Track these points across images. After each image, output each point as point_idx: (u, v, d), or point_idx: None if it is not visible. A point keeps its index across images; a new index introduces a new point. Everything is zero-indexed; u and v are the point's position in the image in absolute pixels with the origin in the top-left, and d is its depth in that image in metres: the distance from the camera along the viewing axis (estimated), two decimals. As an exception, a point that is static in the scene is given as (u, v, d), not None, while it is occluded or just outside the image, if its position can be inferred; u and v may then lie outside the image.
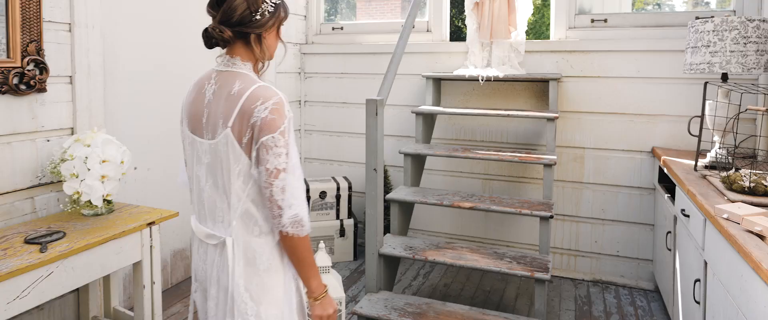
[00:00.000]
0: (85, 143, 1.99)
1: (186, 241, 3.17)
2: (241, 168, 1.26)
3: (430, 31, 3.68)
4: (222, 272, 1.32)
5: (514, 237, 3.45)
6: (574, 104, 3.24)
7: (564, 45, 3.24)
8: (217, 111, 1.28)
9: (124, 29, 2.69)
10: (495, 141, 3.45)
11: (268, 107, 1.22)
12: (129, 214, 2.06)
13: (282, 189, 1.23)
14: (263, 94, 1.24)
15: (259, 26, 1.30)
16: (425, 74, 3.41)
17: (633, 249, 3.20)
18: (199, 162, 1.34)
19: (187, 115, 1.38)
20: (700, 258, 1.98)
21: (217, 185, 1.31)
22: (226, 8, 1.28)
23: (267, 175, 1.23)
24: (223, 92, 1.29)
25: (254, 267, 1.31)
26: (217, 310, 1.35)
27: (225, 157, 1.27)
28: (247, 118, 1.23)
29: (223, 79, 1.31)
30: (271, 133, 1.22)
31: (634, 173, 3.16)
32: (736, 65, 2.36)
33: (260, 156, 1.23)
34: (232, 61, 1.33)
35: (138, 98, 2.78)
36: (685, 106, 3.02)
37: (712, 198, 1.97)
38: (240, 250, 1.30)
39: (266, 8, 1.31)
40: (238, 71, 1.31)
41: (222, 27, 1.29)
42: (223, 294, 1.32)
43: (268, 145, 1.22)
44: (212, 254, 1.35)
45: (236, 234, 1.30)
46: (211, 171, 1.31)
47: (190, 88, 1.41)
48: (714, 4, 3.35)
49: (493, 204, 2.64)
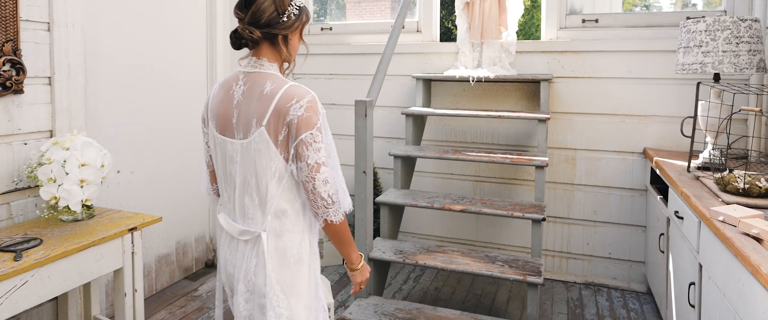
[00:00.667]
0: (63, 146, 1.92)
1: (171, 247, 3.09)
2: (276, 165, 1.32)
3: (420, 31, 3.64)
4: (257, 266, 1.36)
5: (505, 240, 3.41)
6: (566, 105, 3.22)
7: (555, 45, 3.21)
8: (249, 111, 1.33)
9: (108, 28, 2.62)
10: (486, 142, 3.42)
11: (303, 105, 1.29)
12: (110, 220, 1.99)
13: (324, 182, 1.31)
14: (297, 92, 1.30)
15: (286, 27, 1.35)
16: (415, 75, 3.36)
17: (625, 251, 3.17)
18: (231, 161, 1.38)
19: (215, 116, 1.41)
20: (695, 260, 1.95)
21: (249, 183, 1.35)
22: (255, 10, 1.33)
23: (309, 170, 1.29)
24: (254, 92, 1.33)
25: (285, 261, 1.37)
26: (246, 304, 1.39)
27: (258, 156, 1.32)
28: (282, 117, 1.29)
29: (252, 79, 1.36)
30: (309, 130, 1.29)
31: (625, 174, 3.14)
32: (729, 65, 2.34)
33: (300, 152, 1.29)
34: (260, 63, 1.37)
35: (122, 99, 2.71)
36: (677, 107, 3.00)
37: (707, 199, 1.94)
38: (273, 245, 1.36)
39: (292, 10, 1.36)
40: (267, 72, 1.36)
41: (252, 28, 1.33)
42: (254, 288, 1.36)
43: (307, 141, 1.29)
44: (243, 249, 1.39)
45: (270, 229, 1.36)
46: (244, 169, 1.35)
47: (216, 89, 1.44)
48: (701, 5, 3.35)
49: (484, 207, 2.60)
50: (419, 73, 3.49)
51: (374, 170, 3.51)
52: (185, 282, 3.14)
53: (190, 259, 3.24)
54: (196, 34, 3.25)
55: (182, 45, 3.14)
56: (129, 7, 2.74)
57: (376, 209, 3.01)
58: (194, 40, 3.24)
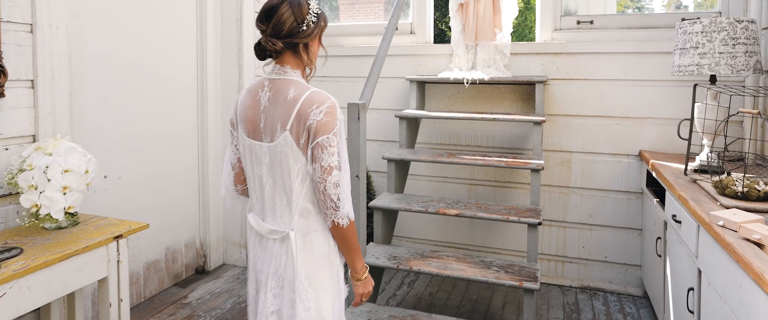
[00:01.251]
0: (46, 152, 1.85)
1: (160, 253, 3.03)
2: (300, 166, 1.40)
3: (414, 33, 3.60)
4: (287, 263, 1.44)
5: (500, 244, 3.37)
6: (561, 107, 3.19)
7: (550, 47, 3.18)
8: (275, 115, 1.40)
9: (95, 29, 2.55)
10: (481, 145, 3.38)
11: (322, 110, 1.36)
12: (95, 227, 1.93)
13: (335, 185, 1.38)
14: (318, 98, 1.38)
15: (306, 36, 1.43)
16: (409, 77, 3.32)
17: (621, 254, 3.14)
18: (259, 163, 1.46)
19: (243, 121, 1.49)
20: (694, 265, 1.92)
21: (277, 184, 1.44)
22: (276, 22, 1.40)
23: (321, 172, 1.37)
24: (279, 98, 1.41)
25: (312, 257, 1.45)
26: (274, 299, 1.46)
27: (284, 158, 1.40)
28: (303, 121, 1.36)
29: (276, 86, 1.43)
30: (326, 134, 1.36)
31: (621, 177, 3.11)
32: (726, 67, 2.31)
33: (315, 154, 1.37)
34: (283, 70, 1.44)
35: (109, 103, 2.65)
36: (673, 109, 2.98)
37: (705, 203, 1.91)
38: (301, 243, 1.44)
39: (310, 19, 1.43)
40: (291, 78, 1.43)
41: (274, 40, 1.41)
42: (285, 284, 1.44)
43: (323, 144, 1.36)
44: (272, 247, 1.47)
45: (297, 227, 1.44)
46: (271, 171, 1.44)
47: (243, 95, 1.51)
48: (692, 6, 3.33)
49: (479, 211, 2.56)
50: (413, 75, 3.45)
51: (367, 174, 3.46)
52: (175, 289, 3.08)
53: (179, 266, 3.18)
54: (186, 34, 3.19)
55: (172, 46, 3.08)
56: (118, 8, 2.68)
57: (370, 214, 2.97)
58: (185, 41, 3.18)
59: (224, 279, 3.24)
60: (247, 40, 3.42)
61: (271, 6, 1.42)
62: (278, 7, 1.41)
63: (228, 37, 3.40)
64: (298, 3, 1.43)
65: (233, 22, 3.39)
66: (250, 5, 3.44)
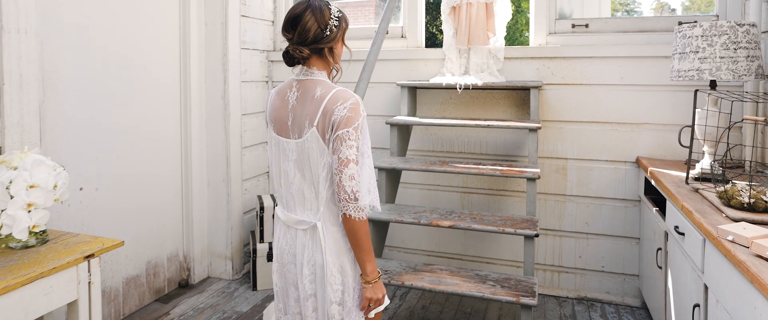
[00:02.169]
0: (10, 165, 1.72)
1: (141, 268, 2.89)
2: (326, 160, 1.49)
3: (405, 37, 3.50)
4: (315, 251, 1.53)
5: (495, 254, 3.28)
6: (556, 113, 3.10)
7: (544, 51, 3.09)
8: (303, 113, 1.50)
9: (70, 34, 2.43)
10: (474, 152, 3.28)
11: (346, 107, 1.45)
12: (65, 246, 1.81)
13: (350, 177, 1.44)
14: (342, 96, 1.48)
15: (331, 40, 1.53)
16: (400, 82, 3.22)
17: (618, 264, 3.06)
18: (287, 159, 1.55)
19: (273, 120, 1.60)
20: (699, 280, 1.83)
21: (305, 178, 1.53)
22: (301, 30, 1.50)
23: (338, 163, 1.44)
24: (307, 97, 1.51)
25: (339, 246, 1.53)
26: (311, 285, 1.56)
27: (312, 153, 1.49)
28: (329, 117, 1.45)
29: (304, 86, 1.54)
30: (347, 128, 1.44)
31: (618, 184, 3.03)
32: (727, 72, 2.23)
33: (335, 146, 1.45)
34: (310, 71, 1.55)
35: (85, 110, 2.52)
36: (671, 114, 2.90)
37: (710, 215, 1.82)
38: (329, 233, 1.52)
39: (332, 23, 1.52)
40: (318, 79, 1.54)
41: (301, 48, 1.51)
42: (318, 269, 1.53)
43: (343, 137, 1.44)
44: (302, 237, 1.55)
45: (324, 218, 1.52)
46: (299, 166, 1.53)
47: (273, 95, 1.63)
48: (680, 10, 3.26)
49: (473, 223, 2.46)
50: (404, 80, 3.35)
51: (358, 182, 3.35)
52: (156, 305, 2.94)
53: (161, 280, 3.05)
54: (168, 39, 3.07)
55: (153, 51, 2.95)
56: (96, 12, 2.55)
57: (360, 224, 2.85)
58: (167, 45, 3.06)
59: (209, 294, 3.11)
60: (233, 44, 3.30)
61: (295, 15, 1.51)
62: (302, 16, 1.49)
63: (212, 42, 3.28)
64: (320, 9, 1.51)
65: (218, 25, 3.27)
66: (235, 8, 3.32)
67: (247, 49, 3.50)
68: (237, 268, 3.39)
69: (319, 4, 1.52)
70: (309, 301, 1.56)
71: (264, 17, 3.69)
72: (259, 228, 3.20)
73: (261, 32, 3.67)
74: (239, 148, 3.39)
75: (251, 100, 3.56)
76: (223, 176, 3.30)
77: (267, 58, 3.74)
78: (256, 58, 3.61)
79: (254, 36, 3.58)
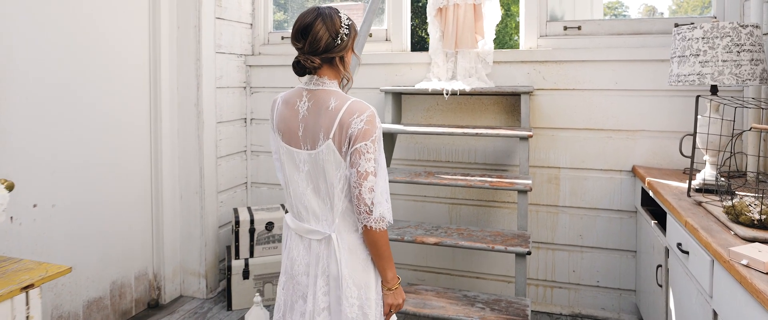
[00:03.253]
0: (-62, 184, 1.53)
1: (104, 289, 2.69)
2: (341, 173, 1.47)
3: (390, 40, 3.34)
4: (330, 262, 1.51)
5: (486, 269, 3.11)
6: (548, 119, 2.94)
7: (535, 55, 2.94)
8: (316, 125, 1.47)
9: (24, 39, 2.23)
10: (462, 161, 3.11)
11: (363, 119, 1.43)
12: (2, 274, 1.61)
13: (370, 190, 1.43)
14: (359, 107, 1.45)
15: (342, 49, 1.50)
16: (383, 88, 3.05)
17: (614, 278, 2.90)
18: (298, 170, 1.53)
19: (281, 129, 1.55)
20: (707, 305, 1.67)
21: (318, 189, 1.52)
22: (312, 40, 1.46)
23: (357, 177, 1.43)
24: (321, 108, 1.47)
25: (355, 257, 1.51)
26: (324, 297, 1.53)
27: (326, 165, 1.47)
28: (345, 129, 1.43)
29: (316, 96, 1.50)
30: (365, 141, 1.43)
31: (613, 194, 2.87)
32: (730, 76, 2.08)
33: (353, 160, 1.43)
34: (321, 81, 1.51)
35: (41, 121, 2.33)
36: (668, 121, 2.76)
37: (718, 233, 1.66)
38: (344, 244, 1.51)
39: (343, 32, 1.49)
40: (330, 89, 1.51)
41: (312, 57, 1.47)
42: (331, 282, 1.52)
43: (362, 150, 1.42)
44: (317, 247, 1.53)
45: (339, 230, 1.51)
46: (312, 177, 1.51)
47: (279, 103, 1.59)
48: (667, 13, 3.12)
49: (461, 239, 2.29)
50: (388, 85, 3.18)
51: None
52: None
53: (128, 301, 2.84)
54: (137, 44, 2.88)
55: (120, 55, 2.76)
56: (53, 15, 2.36)
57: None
58: (135, 51, 2.86)
59: (180, 314, 2.91)
60: (207, 48, 3.11)
61: (306, 24, 1.46)
62: (312, 25, 1.45)
63: (185, 46, 3.09)
64: (330, 17, 1.47)
65: (191, 28, 3.09)
66: (209, 10, 3.14)
67: (222, 53, 3.31)
68: (211, 286, 3.19)
69: (329, 11, 1.49)
70: (321, 315, 1.53)
71: (241, 20, 3.51)
72: (235, 243, 3.01)
73: (238, 35, 3.48)
74: (214, 158, 3.20)
75: (227, 106, 3.37)
76: (197, 188, 3.10)
77: (245, 62, 3.56)
78: (232, 62, 3.42)
79: (231, 39, 3.40)
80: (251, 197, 3.61)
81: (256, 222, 3.02)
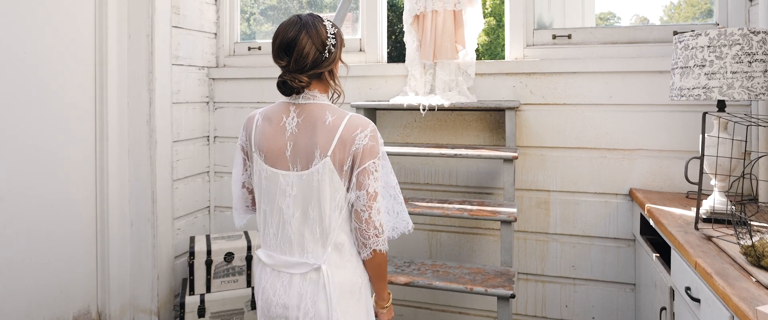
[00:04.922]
0: None
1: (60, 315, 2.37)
2: (339, 196, 1.34)
3: (364, 50, 3.06)
4: (317, 300, 1.34)
5: (468, 304, 2.80)
6: (536, 137, 2.66)
7: (522, 66, 2.66)
8: (310, 142, 1.34)
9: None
10: (442, 184, 2.82)
11: (367, 135, 1.33)
12: None
13: (379, 211, 1.34)
14: (360, 122, 1.35)
15: (331, 63, 1.38)
16: (355, 103, 2.76)
17: (611, 314, 2.60)
18: (283, 195, 1.37)
19: (262, 149, 1.40)
20: (725, 369, 1.37)
21: (307, 216, 1.36)
22: (298, 57, 1.33)
23: (367, 199, 1.32)
24: (314, 123, 1.35)
25: (345, 292, 1.37)
26: None
27: (322, 187, 1.32)
28: (348, 146, 1.32)
29: (306, 111, 1.37)
30: (372, 159, 1.33)
31: (609, 221, 2.59)
32: (741, 90, 1.81)
33: (361, 180, 1.33)
34: (312, 94, 1.39)
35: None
36: (667, 139, 2.48)
37: (736, 281, 1.38)
38: (334, 278, 1.35)
39: (330, 43, 1.37)
40: (322, 103, 1.39)
41: (299, 76, 1.34)
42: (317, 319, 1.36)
43: (370, 170, 1.32)
44: (299, 284, 1.36)
45: (330, 261, 1.36)
46: (300, 202, 1.36)
47: (258, 120, 1.43)
48: (657, 21, 2.86)
49: (436, 278, 1.99)
50: (361, 100, 2.90)
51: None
52: (54, 378, 2.41)
53: (64, 345, 2.52)
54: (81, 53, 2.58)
55: (60, 65, 2.46)
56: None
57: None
58: (78, 62, 2.57)
59: (126, 358, 2.59)
60: (161, 59, 2.82)
61: (289, 39, 1.34)
62: (297, 40, 1.33)
63: (136, 56, 2.80)
64: (314, 27, 1.35)
65: (143, 37, 2.79)
66: (164, 18, 2.85)
67: (180, 65, 3.02)
68: (165, 324, 2.87)
69: (312, 21, 1.37)
70: None
71: (204, 29, 3.23)
72: (189, 277, 2.70)
73: (200, 46, 3.20)
74: (170, 181, 2.89)
75: (186, 124, 3.07)
76: (148, 215, 2.79)
77: (208, 75, 3.27)
78: (192, 75, 3.13)
79: (191, 50, 3.11)
80: (215, 223, 3.31)
81: (213, 252, 2.71)
